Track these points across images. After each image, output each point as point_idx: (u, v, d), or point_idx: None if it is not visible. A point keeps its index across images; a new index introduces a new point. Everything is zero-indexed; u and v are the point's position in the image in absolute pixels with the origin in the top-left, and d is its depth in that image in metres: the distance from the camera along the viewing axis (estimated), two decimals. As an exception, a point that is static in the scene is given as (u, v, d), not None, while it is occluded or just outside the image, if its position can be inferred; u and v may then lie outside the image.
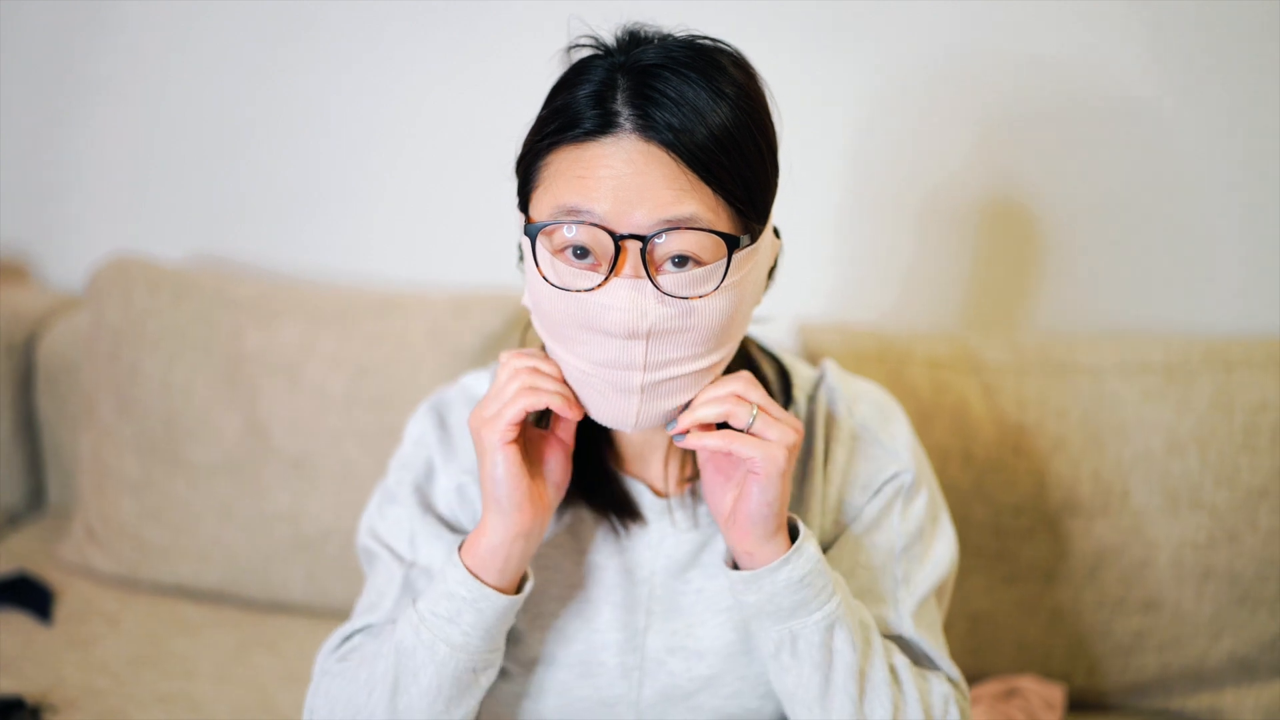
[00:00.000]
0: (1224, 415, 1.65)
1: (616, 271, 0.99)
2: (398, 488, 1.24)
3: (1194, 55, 1.78)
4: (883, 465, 1.20)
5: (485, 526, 1.08)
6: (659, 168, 0.97)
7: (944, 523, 1.24)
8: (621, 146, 0.98)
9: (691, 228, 0.98)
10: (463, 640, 1.08)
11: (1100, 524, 1.67)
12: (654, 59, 1.00)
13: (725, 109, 0.99)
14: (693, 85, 0.98)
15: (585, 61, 1.05)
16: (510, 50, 1.95)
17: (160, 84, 2.11)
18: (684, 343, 1.02)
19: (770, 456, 1.03)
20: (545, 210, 1.02)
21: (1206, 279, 1.88)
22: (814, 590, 1.07)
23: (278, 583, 1.90)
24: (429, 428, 1.25)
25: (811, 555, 1.07)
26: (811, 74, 1.86)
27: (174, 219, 2.19)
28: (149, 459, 1.92)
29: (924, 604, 1.19)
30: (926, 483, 1.23)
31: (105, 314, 1.96)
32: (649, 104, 0.98)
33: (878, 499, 1.20)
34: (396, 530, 1.23)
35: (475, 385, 1.28)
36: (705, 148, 0.98)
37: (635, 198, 0.97)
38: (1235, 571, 1.65)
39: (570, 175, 1.00)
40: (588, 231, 0.99)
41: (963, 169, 1.87)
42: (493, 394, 1.06)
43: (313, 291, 1.96)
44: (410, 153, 2.05)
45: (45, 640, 1.78)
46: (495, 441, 1.05)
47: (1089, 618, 1.69)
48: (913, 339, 1.77)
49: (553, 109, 1.03)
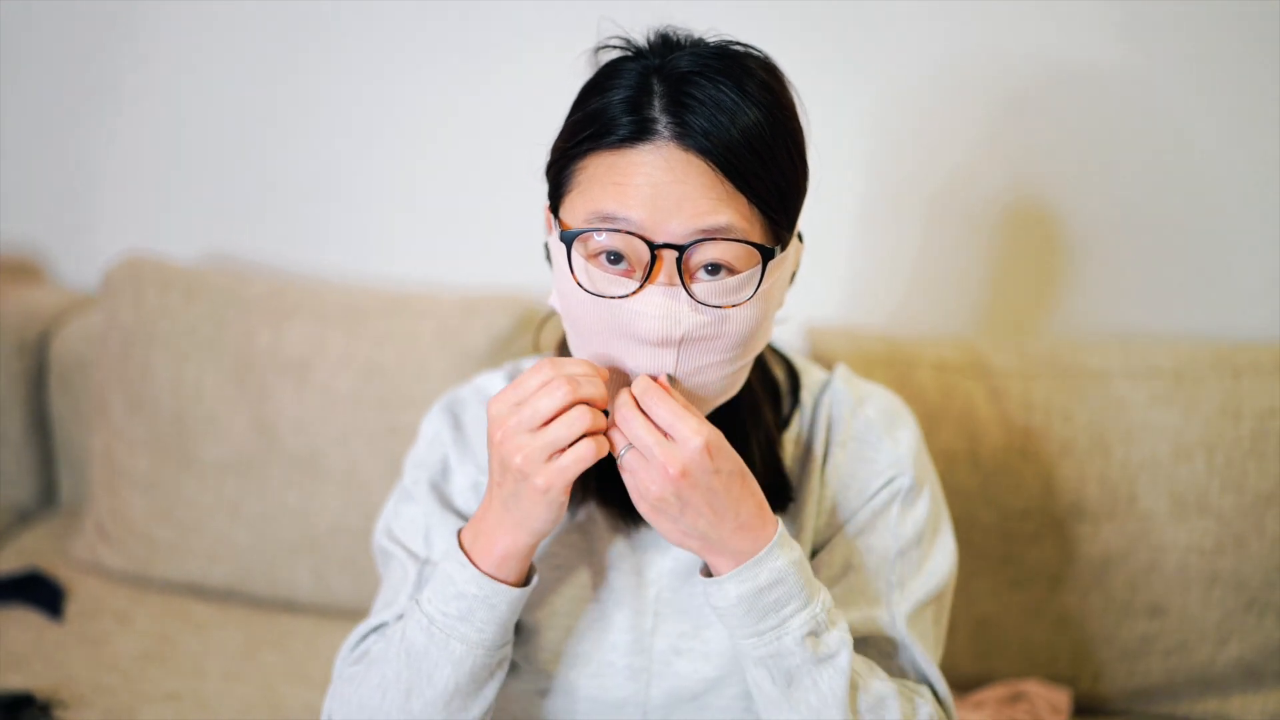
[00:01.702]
0: (1232, 421, 1.64)
1: (651, 279, 0.99)
2: (414, 486, 1.24)
3: (1212, 59, 1.77)
4: (881, 468, 1.20)
5: (499, 533, 1.06)
6: (696, 176, 0.98)
7: (945, 533, 1.23)
8: (659, 154, 0.98)
9: (727, 238, 0.99)
10: (478, 636, 1.08)
11: (1107, 528, 1.67)
12: (689, 65, 1.00)
13: (760, 117, 0.99)
14: (728, 94, 0.98)
15: (616, 64, 1.05)
16: (523, 52, 1.96)
17: (174, 85, 2.12)
18: (714, 349, 1.02)
19: (635, 501, 1.03)
20: (580, 215, 1.02)
21: (1218, 284, 1.87)
22: (760, 613, 1.04)
23: (286, 581, 1.91)
24: (443, 426, 1.25)
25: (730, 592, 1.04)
26: (825, 75, 1.85)
27: (187, 219, 2.20)
28: (159, 457, 1.93)
29: (919, 611, 1.17)
30: (929, 490, 1.22)
31: (117, 313, 1.97)
32: (686, 111, 0.98)
33: (874, 501, 1.19)
34: (411, 528, 1.22)
35: (489, 385, 1.28)
36: (741, 156, 0.98)
37: (672, 206, 0.98)
38: (1242, 577, 1.64)
39: (606, 181, 1.00)
40: (623, 239, 0.99)
41: (976, 172, 1.87)
42: (537, 411, 1.00)
43: (322, 291, 1.97)
44: (422, 153, 2.06)
45: (56, 637, 1.79)
46: (556, 496, 1.01)
47: (1095, 622, 1.69)
48: (920, 343, 1.78)
49: (586, 113, 1.03)
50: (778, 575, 1.04)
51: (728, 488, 1.02)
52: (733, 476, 1.02)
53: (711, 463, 1.00)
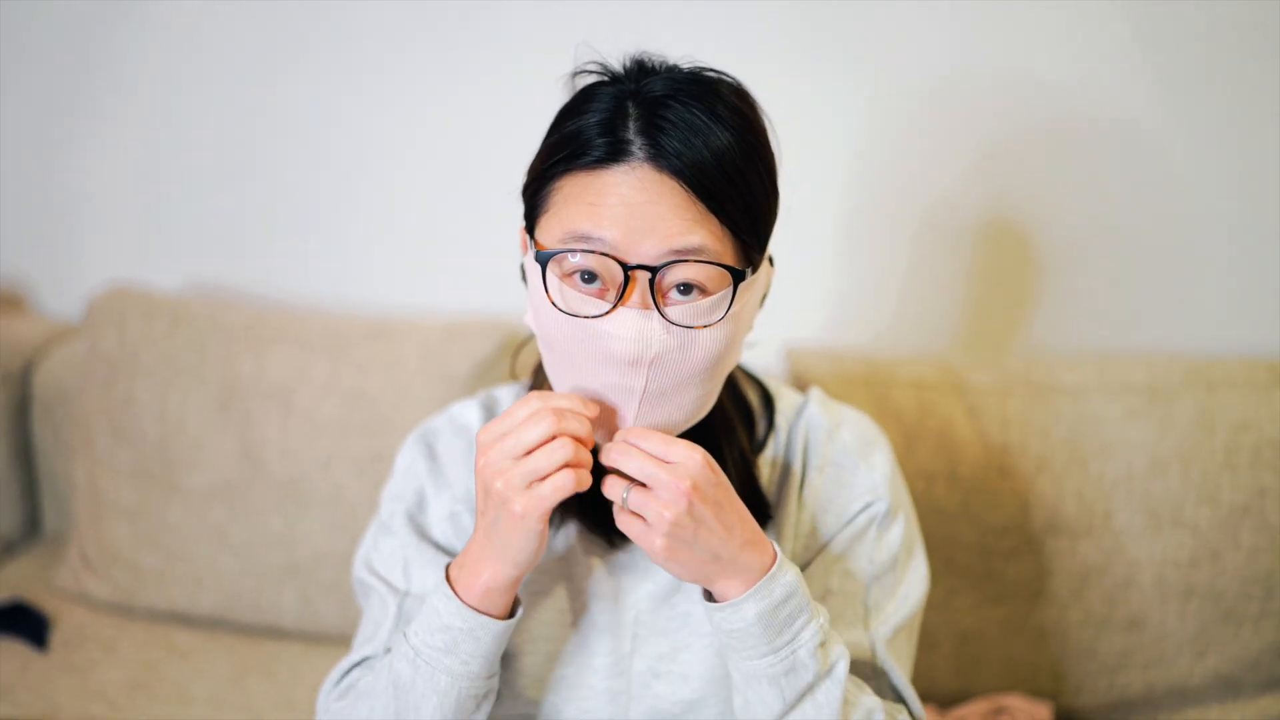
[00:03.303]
0: (1206, 434, 1.67)
1: (624, 300, 1.01)
2: (390, 519, 1.24)
3: (1188, 79, 1.80)
4: (859, 493, 1.21)
5: (482, 565, 1.06)
6: (669, 197, 1.00)
7: (918, 556, 1.24)
8: (634, 175, 1.00)
9: (700, 260, 1.01)
10: (463, 669, 1.08)
11: (1084, 543, 1.69)
12: (662, 89, 1.02)
13: (731, 139, 1.01)
14: (700, 117, 1.01)
15: (592, 88, 1.07)
16: (502, 78, 1.97)
17: (155, 114, 2.13)
18: (684, 370, 1.04)
19: (650, 548, 1.02)
20: (554, 235, 1.04)
21: (1190, 301, 1.90)
22: (776, 629, 1.05)
23: (271, 608, 1.91)
24: (418, 457, 1.26)
25: (748, 613, 1.04)
26: (806, 93, 1.88)
27: (170, 248, 2.20)
28: (144, 486, 1.93)
29: (896, 635, 1.18)
30: (904, 514, 1.23)
31: (101, 343, 1.97)
32: (659, 133, 1.00)
33: (851, 526, 1.20)
34: (390, 561, 1.23)
35: (463, 414, 1.28)
36: (713, 178, 1.00)
37: (645, 226, 0.99)
38: (1218, 589, 1.67)
39: (581, 202, 1.02)
40: (597, 259, 1.01)
41: (957, 191, 1.89)
42: (520, 441, 1.01)
43: (305, 318, 1.98)
44: (402, 180, 2.07)
45: (41, 667, 1.78)
46: (533, 524, 1.02)
47: (1074, 636, 1.71)
48: (898, 362, 1.79)
49: (562, 135, 1.05)
50: (789, 589, 1.05)
51: (730, 500, 1.04)
52: (730, 490, 1.04)
53: (714, 475, 1.02)
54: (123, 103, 2.14)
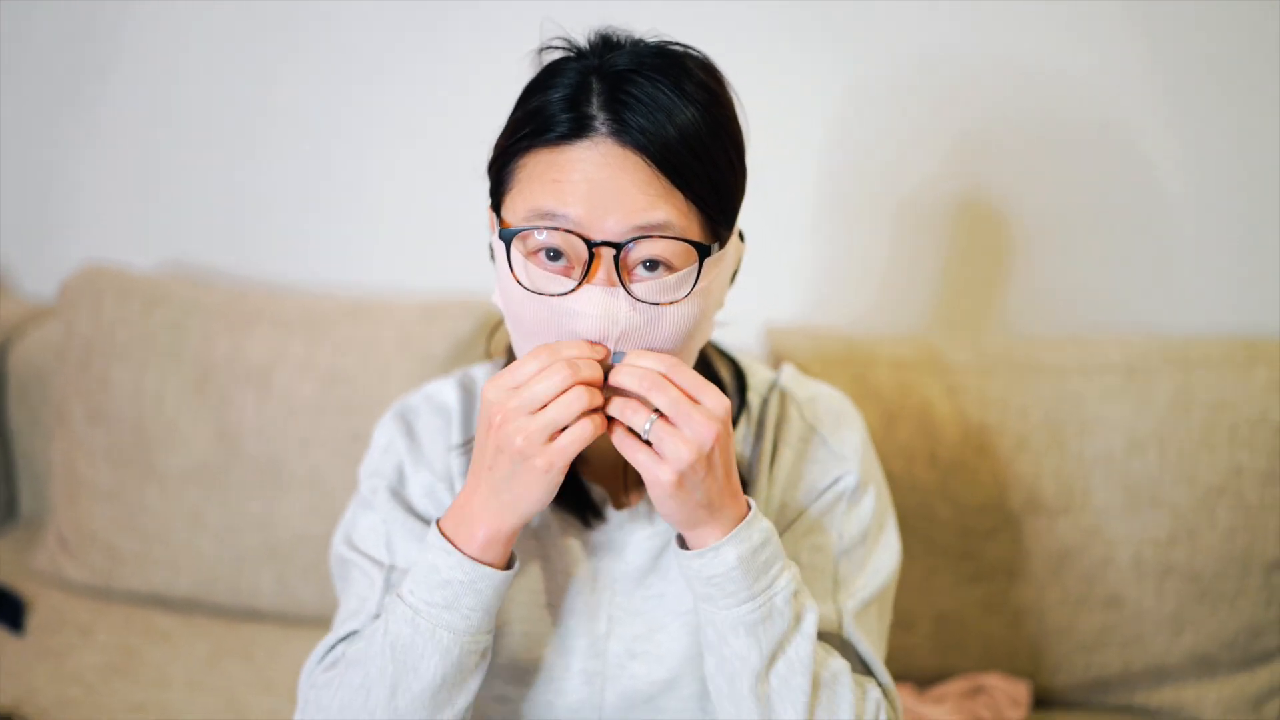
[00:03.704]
0: (1183, 414, 1.67)
1: (589, 277, 1.01)
2: (371, 495, 1.23)
3: (1162, 62, 1.80)
4: (828, 468, 1.21)
5: (484, 517, 1.05)
6: (633, 172, 0.99)
7: (889, 530, 1.24)
8: (597, 150, 1.00)
9: (664, 235, 1.00)
10: (465, 623, 1.07)
11: (1062, 522, 1.69)
12: (627, 64, 1.02)
13: (697, 114, 1.01)
14: (665, 91, 1.00)
15: (557, 64, 1.06)
16: (479, 57, 1.96)
17: (129, 95, 2.11)
18: (650, 346, 1.03)
19: (655, 479, 1.00)
20: (519, 213, 1.03)
21: (1167, 279, 1.90)
22: (754, 573, 1.05)
23: (249, 590, 1.90)
24: (396, 434, 1.25)
25: (729, 556, 1.04)
26: (786, 75, 1.88)
27: (145, 228, 2.19)
28: (120, 468, 1.92)
29: (864, 609, 1.18)
30: (875, 488, 1.23)
31: (76, 323, 1.96)
32: (623, 108, 1.00)
33: (820, 502, 1.20)
34: (372, 536, 1.21)
35: (440, 393, 1.27)
36: (678, 152, 0.99)
37: (609, 202, 0.99)
38: (1195, 569, 1.67)
39: (545, 179, 1.01)
40: (561, 236, 1.01)
41: (935, 173, 1.89)
42: (535, 394, 1.00)
43: (282, 299, 1.97)
44: (379, 160, 2.06)
45: (17, 651, 1.78)
46: (556, 476, 1.01)
47: (1052, 615, 1.71)
48: (878, 341, 1.79)
49: (526, 111, 1.04)
50: (765, 534, 1.06)
51: (731, 451, 1.04)
52: (734, 440, 1.05)
53: (730, 424, 1.02)
54: (100, 83, 2.12)
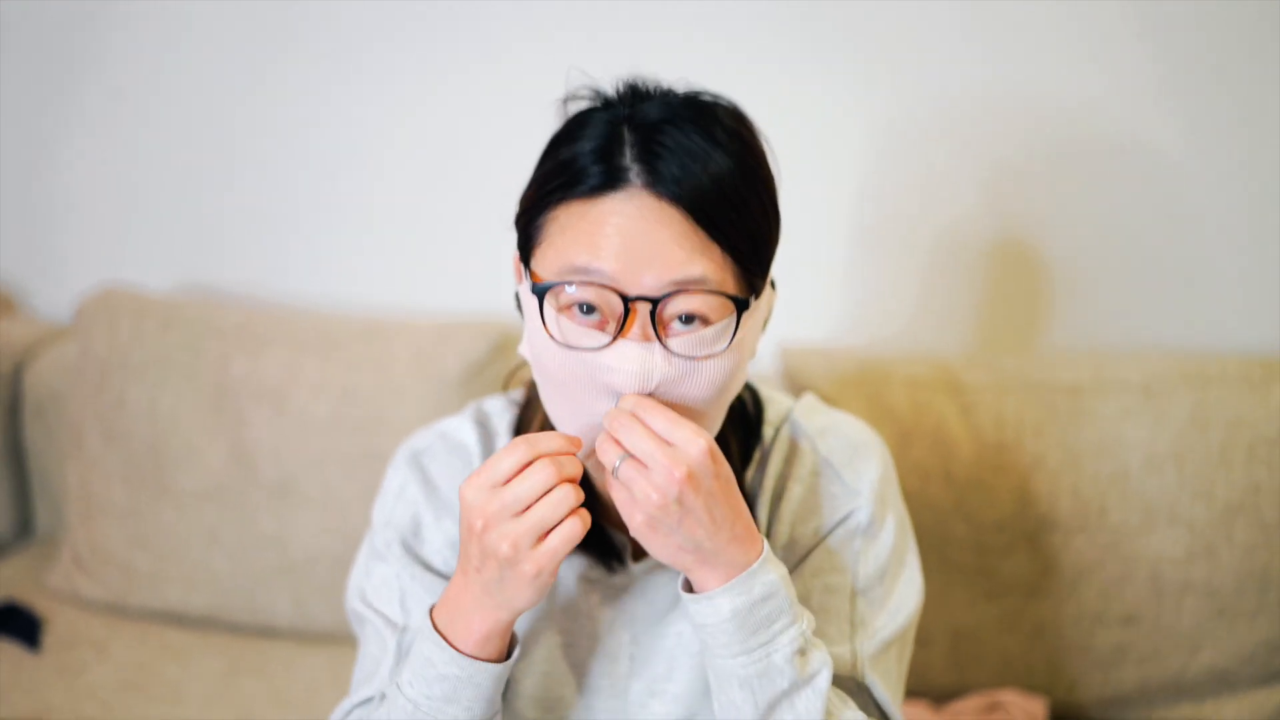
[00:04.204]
0: (1200, 432, 1.67)
1: (624, 332, 0.98)
2: (384, 547, 1.19)
3: (1179, 87, 1.81)
4: (839, 503, 1.16)
5: (478, 615, 1.02)
6: (669, 225, 0.97)
7: (910, 566, 1.19)
8: (631, 202, 0.97)
9: (701, 290, 0.98)
10: (467, 715, 1.04)
11: (1079, 539, 1.69)
12: (659, 114, 1.00)
13: (730, 164, 0.99)
14: (698, 141, 0.98)
15: (585, 114, 1.04)
16: (493, 79, 1.97)
17: (144, 115, 2.12)
18: (687, 401, 1.01)
19: (629, 520, 0.98)
20: (551, 267, 1.00)
21: (1186, 299, 1.89)
22: (751, 628, 1.01)
23: (264, 608, 1.90)
24: (411, 480, 1.21)
25: (722, 607, 1.00)
26: (817, 109, 1.88)
27: (160, 249, 2.20)
28: (136, 486, 1.93)
29: (884, 651, 1.13)
30: (893, 522, 1.17)
31: (92, 344, 1.97)
32: (657, 159, 0.97)
33: (832, 538, 1.15)
34: (385, 592, 1.17)
35: (457, 432, 1.22)
36: (713, 203, 0.97)
37: (645, 257, 0.97)
38: (1213, 585, 1.67)
39: (577, 231, 0.99)
40: (596, 291, 0.98)
41: (966, 205, 1.89)
42: (519, 495, 0.96)
43: (297, 319, 1.98)
44: (394, 180, 2.07)
45: (33, 668, 1.78)
46: (546, 579, 0.98)
47: (1070, 632, 1.71)
48: (892, 361, 1.79)
49: (556, 163, 1.02)
50: (770, 589, 1.01)
51: (726, 493, 0.99)
52: (730, 483, 1.00)
53: (714, 465, 0.97)
54: (113, 104, 2.13)
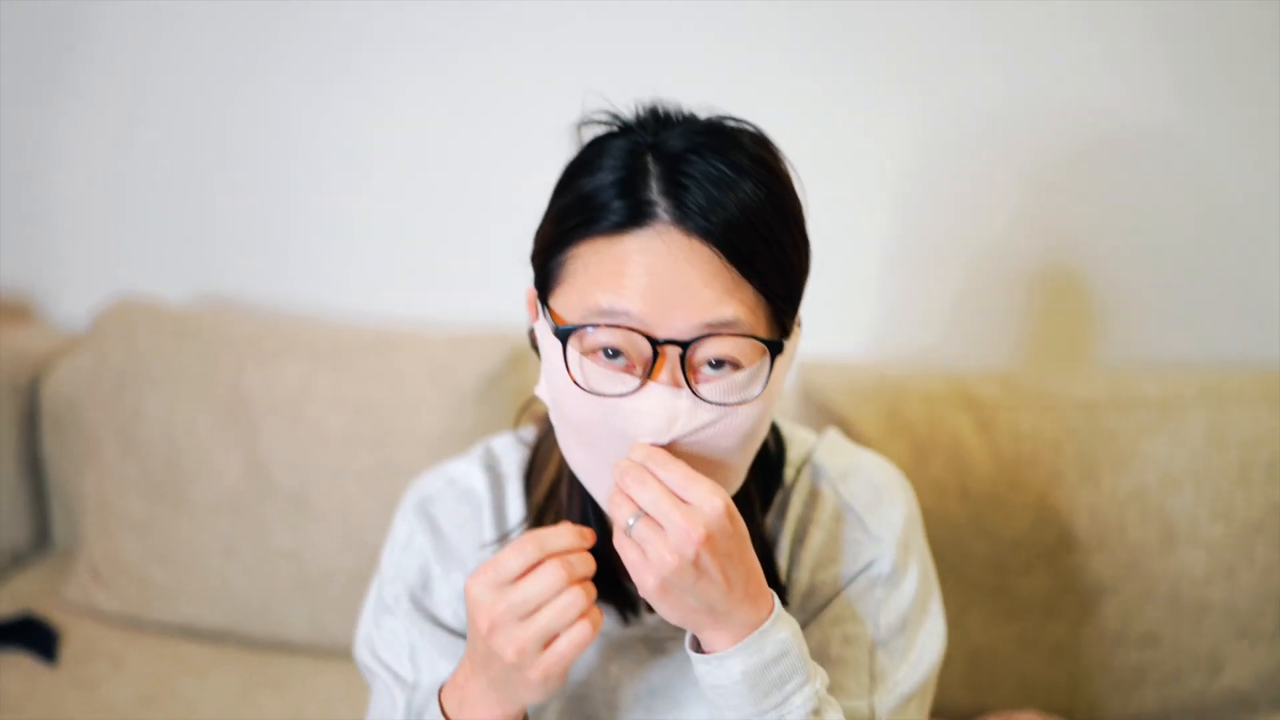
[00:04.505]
0: (1219, 450, 1.66)
1: (653, 376, 0.93)
2: (393, 601, 1.16)
3: (1198, 98, 1.80)
4: (861, 551, 1.12)
5: (485, 707, 0.99)
6: (698, 263, 0.91)
7: (933, 615, 1.14)
8: (660, 240, 0.92)
9: (735, 334, 0.93)
10: None
11: (1098, 558, 1.67)
12: (683, 143, 0.94)
13: (761, 196, 0.93)
14: (726, 171, 0.93)
15: (604, 141, 0.98)
16: (509, 87, 1.96)
17: (159, 126, 2.13)
18: (716, 448, 0.96)
19: (640, 583, 0.93)
20: (574, 309, 0.95)
21: (1238, 311, 1.89)
22: (763, 690, 0.96)
23: (281, 622, 1.90)
24: (419, 531, 1.16)
25: (733, 669, 0.95)
26: (851, 126, 1.88)
27: (176, 259, 2.20)
28: (152, 499, 1.93)
29: (905, 704, 1.09)
30: (916, 569, 1.13)
31: (108, 355, 1.97)
32: (685, 192, 0.92)
33: (852, 587, 1.11)
34: (395, 646, 1.14)
35: (465, 477, 1.18)
36: (743, 236, 0.92)
37: (675, 297, 0.91)
38: (1233, 606, 1.66)
39: (602, 272, 0.93)
40: (623, 334, 0.93)
41: (1001, 219, 1.88)
42: (527, 598, 0.93)
43: (312, 330, 1.98)
44: (410, 191, 2.07)
45: (50, 681, 1.78)
46: (555, 684, 0.95)
47: (1088, 652, 1.70)
48: (908, 376, 1.78)
49: (576, 196, 0.96)
50: (782, 648, 0.96)
51: (741, 553, 0.94)
52: (745, 540, 0.95)
53: (730, 525, 0.93)
54: (129, 114, 2.14)
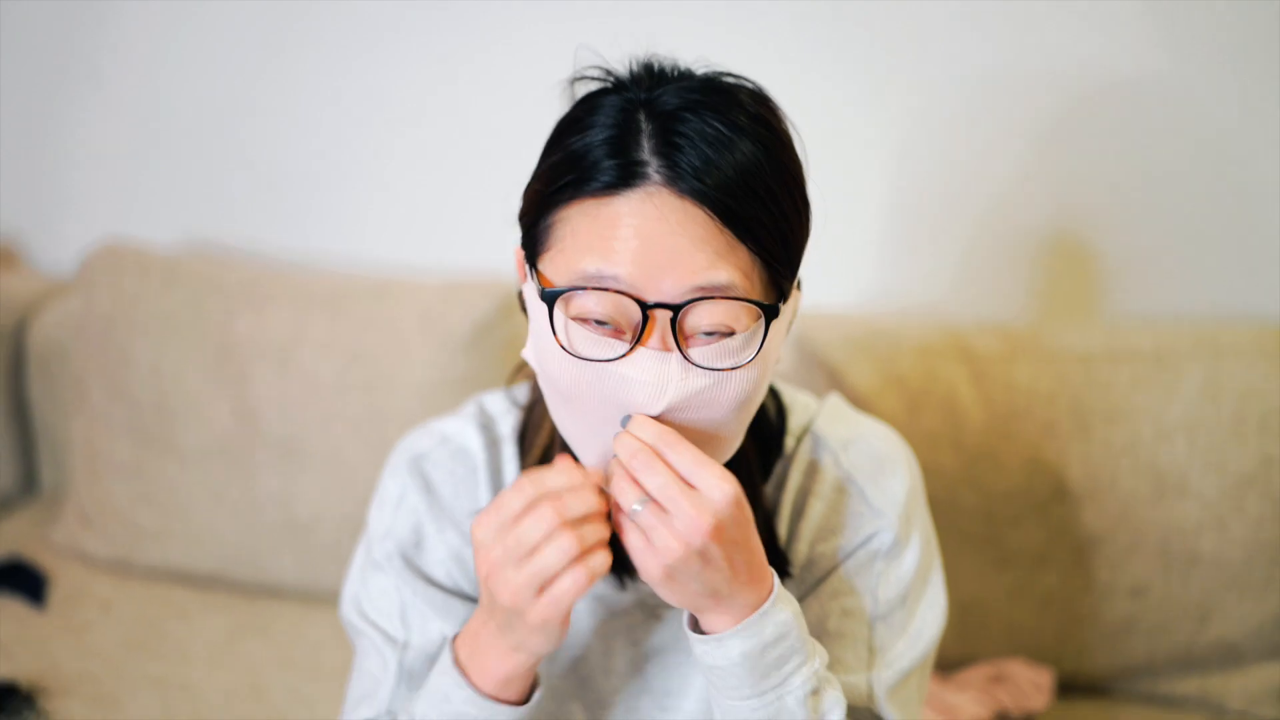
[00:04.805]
0: (1212, 403, 1.65)
1: (642, 341, 0.90)
2: (385, 559, 1.12)
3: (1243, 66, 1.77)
4: (862, 523, 1.09)
5: (494, 656, 0.97)
6: (692, 226, 0.88)
7: (934, 587, 1.12)
8: (651, 201, 0.88)
9: (727, 297, 0.89)
10: None
11: (1089, 509, 1.67)
12: (678, 100, 0.90)
13: (759, 156, 0.89)
14: (722, 130, 0.89)
15: (595, 97, 0.95)
16: (502, 34, 1.94)
17: (150, 69, 2.10)
18: (709, 416, 0.93)
19: (643, 568, 0.91)
20: (562, 271, 0.92)
21: (1201, 265, 1.87)
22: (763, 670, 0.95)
23: (269, 567, 1.90)
24: (411, 488, 1.13)
25: (732, 650, 0.94)
26: (850, 87, 1.86)
27: (165, 203, 2.18)
28: (140, 443, 1.92)
29: (904, 680, 1.07)
30: (918, 541, 1.10)
31: (95, 299, 1.95)
32: (677, 151, 0.88)
33: (852, 560, 1.08)
34: (384, 604, 1.12)
35: (460, 435, 1.14)
36: (739, 198, 0.88)
37: (665, 261, 0.88)
38: (1223, 558, 1.66)
39: (590, 234, 0.90)
40: (611, 298, 0.90)
41: (1005, 175, 1.87)
42: (521, 541, 0.89)
43: (303, 276, 1.96)
44: (399, 136, 2.05)
45: (39, 625, 1.78)
46: (554, 629, 0.92)
47: (1078, 603, 1.70)
48: (903, 326, 1.77)
49: (565, 154, 0.92)
50: (782, 629, 0.95)
51: (746, 539, 0.92)
52: (750, 525, 0.93)
53: (739, 512, 0.90)
54: (117, 55, 2.11)
